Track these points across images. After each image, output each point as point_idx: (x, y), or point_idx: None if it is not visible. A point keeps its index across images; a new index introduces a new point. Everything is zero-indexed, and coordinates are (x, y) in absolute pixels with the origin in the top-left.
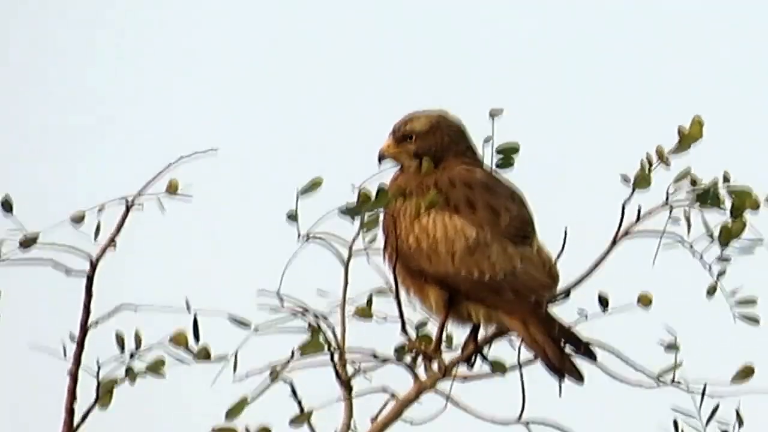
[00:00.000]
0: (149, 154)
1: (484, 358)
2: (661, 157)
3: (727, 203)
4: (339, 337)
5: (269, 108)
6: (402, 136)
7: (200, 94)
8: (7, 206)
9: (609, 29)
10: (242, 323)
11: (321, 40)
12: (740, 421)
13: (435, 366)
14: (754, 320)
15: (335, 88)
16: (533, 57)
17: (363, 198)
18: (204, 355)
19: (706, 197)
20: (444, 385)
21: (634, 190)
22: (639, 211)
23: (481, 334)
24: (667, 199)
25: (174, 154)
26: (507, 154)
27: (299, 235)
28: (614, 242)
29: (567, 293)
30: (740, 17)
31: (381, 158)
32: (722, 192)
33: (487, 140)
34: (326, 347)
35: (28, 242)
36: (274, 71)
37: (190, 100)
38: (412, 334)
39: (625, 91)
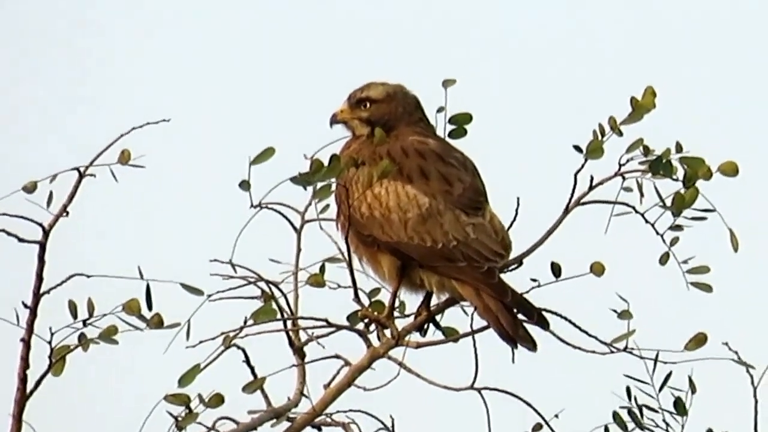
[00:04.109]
0: (102, 124)
1: (437, 325)
2: (614, 127)
3: (680, 172)
4: (292, 304)
5: (221, 77)
6: (357, 101)
7: (153, 64)
8: None
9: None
10: (195, 291)
11: (274, 8)
12: (693, 388)
13: (388, 333)
14: (706, 288)
15: (288, 58)
16: (486, 27)
17: (315, 166)
18: (157, 322)
19: (659, 166)
20: (397, 352)
21: (586, 159)
22: (591, 180)
23: (434, 301)
24: (619, 168)
25: (126, 124)
26: (460, 124)
27: (252, 204)
28: (566, 211)
29: (519, 261)
30: None
31: (333, 122)
32: (675, 161)
33: (440, 110)
34: (279, 314)
35: None
36: (227, 41)
37: (143, 70)
38: (365, 301)
39: (578, 60)
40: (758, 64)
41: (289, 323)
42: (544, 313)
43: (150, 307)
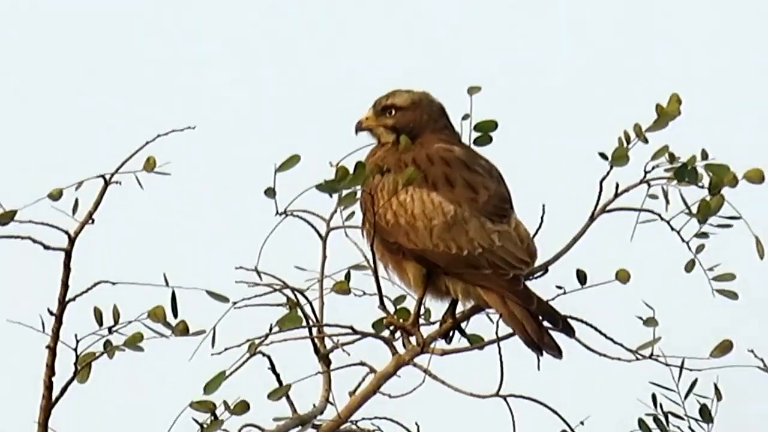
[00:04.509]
0: (127, 131)
1: (462, 332)
2: (639, 134)
3: (705, 179)
4: (317, 311)
5: (247, 84)
6: (382, 108)
7: (178, 70)
8: None
9: (587, 5)
10: (220, 298)
11: (297, 15)
12: (719, 395)
13: (413, 340)
14: (732, 295)
15: (313, 64)
16: (511, 33)
17: (341, 174)
18: (182, 329)
19: (684, 173)
20: (422, 359)
21: (611, 166)
22: (617, 188)
23: (459, 308)
24: (644, 175)
25: (152, 131)
26: (485, 131)
27: (277, 211)
28: (592, 218)
29: (545, 269)
30: None
31: (358, 129)
32: (700, 168)
33: (465, 117)
34: (304, 322)
35: (6, 218)
36: (252, 47)
37: (168, 77)
38: (391, 308)
39: (604, 67)
40: None
41: (314, 330)
42: (569, 320)
43: (175, 314)
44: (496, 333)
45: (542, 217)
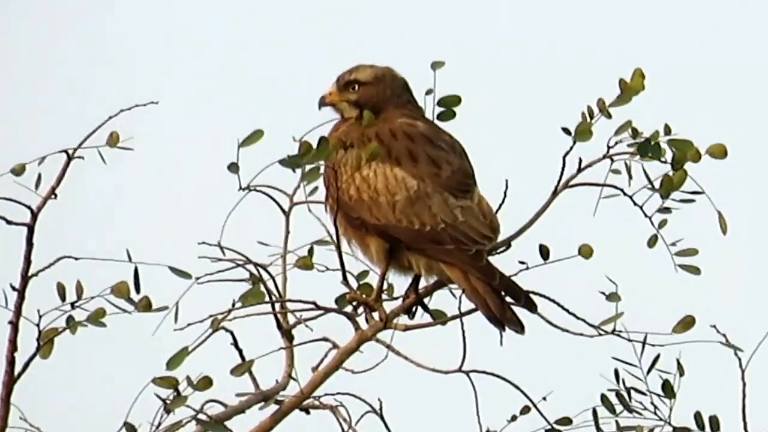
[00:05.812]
0: (90, 106)
1: (425, 308)
2: (603, 109)
3: (668, 155)
4: (280, 287)
5: (210, 59)
6: (345, 84)
7: (141, 46)
8: None
9: None
10: (183, 274)
11: None
12: (681, 370)
13: (376, 316)
14: (694, 270)
15: (277, 40)
16: (475, 8)
17: (304, 149)
18: (145, 305)
19: (647, 149)
20: (385, 334)
21: (575, 141)
22: (580, 163)
23: (422, 284)
24: (608, 150)
25: (115, 107)
26: (449, 106)
27: (240, 186)
28: (555, 193)
29: (508, 244)
30: None
31: (321, 104)
32: (663, 143)
33: (428, 92)
34: (267, 297)
35: None
36: (215, 22)
37: (130, 52)
38: (354, 284)
39: (567, 42)
40: (747, 46)
41: (277, 306)
42: (532, 295)
43: (138, 290)
44: (459, 308)
45: (505, 193)
